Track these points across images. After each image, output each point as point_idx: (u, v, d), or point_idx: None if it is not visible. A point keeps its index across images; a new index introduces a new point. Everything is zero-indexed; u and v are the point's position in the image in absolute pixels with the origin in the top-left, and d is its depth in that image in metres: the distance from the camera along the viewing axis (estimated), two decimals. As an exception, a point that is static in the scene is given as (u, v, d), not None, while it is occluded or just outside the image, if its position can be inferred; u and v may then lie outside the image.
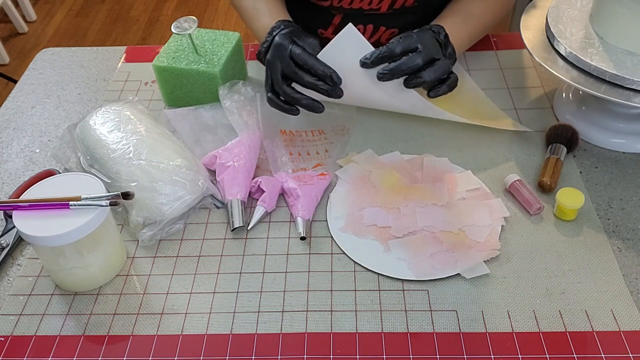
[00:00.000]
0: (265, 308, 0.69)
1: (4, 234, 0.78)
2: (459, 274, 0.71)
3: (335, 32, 1.05)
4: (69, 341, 0.67)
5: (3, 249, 0.77)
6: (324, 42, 1.09)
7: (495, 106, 0.93)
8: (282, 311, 0.69)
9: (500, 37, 1.08)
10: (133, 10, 3.11)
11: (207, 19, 2.99)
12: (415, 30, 0.81)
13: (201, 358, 0.65)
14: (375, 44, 1.05)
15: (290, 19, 0.90)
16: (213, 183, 0.83)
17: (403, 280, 0.71)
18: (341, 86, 0.79)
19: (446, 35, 0.84)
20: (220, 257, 0.75)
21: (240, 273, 0.73)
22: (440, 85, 0.81)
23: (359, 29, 1.03)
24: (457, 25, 0.89)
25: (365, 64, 0.77)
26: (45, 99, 1.03)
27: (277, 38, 0.82)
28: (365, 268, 0.73)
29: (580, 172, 0.83)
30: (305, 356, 0.65)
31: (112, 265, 0.73)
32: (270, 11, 0.91)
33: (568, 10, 0.89)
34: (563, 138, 0.84)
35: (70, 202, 0.67)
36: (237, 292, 0.71)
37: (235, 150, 0.84)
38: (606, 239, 0.74)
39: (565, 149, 0.83)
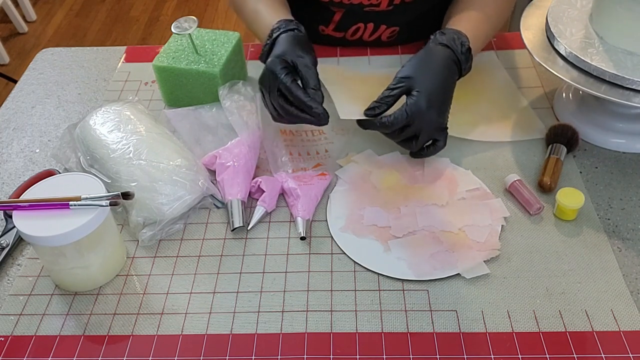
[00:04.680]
0: (265, 308, 0.69)
1: (4, 234, 0.78)
2: (459, 274, 0.71)
3: (336, 29, 1.05)
4: (69, 341, 0.67)
5: (3, 249, 0.77)
6: (325, 40, 1.10)
7: (520, 94, 0.96)
8: (282, 311, 0.69)
9: (500, 37, 1.08)
10: (133, 10, 3.11)
11: (207, 19, 2.99)
12: (431, 64, 0.80)
13: (201, 358, 0.65)
14: (376, 42, 1.06)
15: (291, 17, 0.90)
16: (213, 183, 0.82)
17: (403, 280, 0.71)
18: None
19: (468, 49, 0.83)
20: (220, 257, 0.75)
21: (240, 273, 0.73)
22: (426, 149, 0.83)
23: (359, 27, 1.03)
24: (477, 30, 0.88)
25: (362, 124, 0.82)
26: (45, 99, 1.03)
27: (268, 62, 0.81)
28: (365, 268, 0.73)
29: (580, 172, 0.83)
30: (305, 356, 0.65)
31: (112, 265, 0.73)
32: (269, 12, 0.91)
33: (568, 10, 0.89)
34: (563, 138, 0.84)
35: (70, 202, 0.67)
36: (237, 292, 0.71)
37: (235, 150, 0.84)
38: (606, 239, 0.74)
39: (565, 149, 0.83)
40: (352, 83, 0.94)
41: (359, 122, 0.82)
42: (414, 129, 0.78)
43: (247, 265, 0.74)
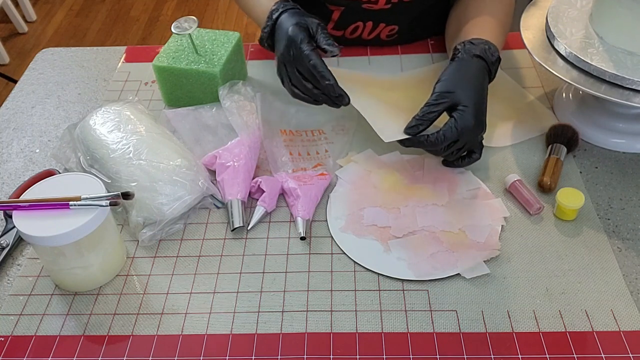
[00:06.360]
0: (265, 308, 0.69)
1: (4, 234, 0.78)
2: (459, 274, 0.71)
3: (335, 28, 1.05)
4: (69, 341, 0.67)
5: (3, 249, 0.77)
6: None
7: (522, 89, 0.96)
8: (282, 311, 0.69)
9: (500, 37, 1.08)
10: (133, 10, 3.11)
11: (207, 19, 2.99)
12: (466, 73, 0.79)
13: (201, 358, 0.65)
14: (376, 40, 1.06)
15: None
16: (213, 183, 0.82)
17: (403, 280, 0.71)
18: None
19: (498, 59, 0.83)
20: (220, 257, 0.75)
21: (240, 273, 0.73)
22: (461, 160, 0.82)
23: (357, 26, 1.03)
24: (497, 38, 0.87)
25: (404, 143, 0.79)
26: (45, 99, 1.03)
27: (290, 31, 0.80)
28: (365, 268, 0.73)
29: (580, 172, 0.83)
30: (305, 356, 0.65)
31: (112, 265, 0.73)
32: None
33: (568, 10, 0.89)
34: (563, 138, 0.84)
35: (70, 202, 0.67)
36: (237, 292, 0.71)
37: (235, 150, 0.84)
38: (606, 239, 0.74)
39: (565, 149, 0.83)
40: (361, 85, 0.93)
41: (401, 141, 0.79)
42: (461, 144, 0.78)
43: (247, 265, 0.74)
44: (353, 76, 0.94)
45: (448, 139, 0.76)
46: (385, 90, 0.92)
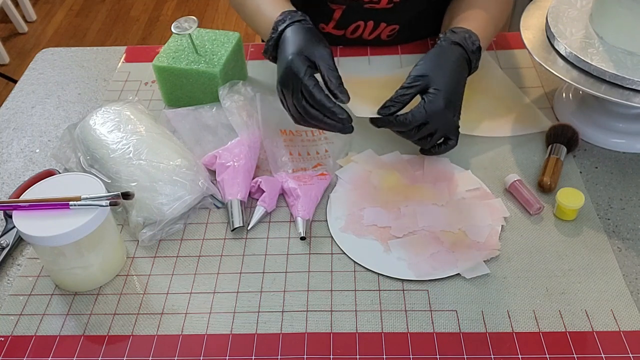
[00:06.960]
0: (265, 308, 0.69)
1: (4, 234, 0.78)
2: (459, 274, 0.71)
3: (336, 27, 1.05)
4: (69, 341, 0.67)
5: (3, 249, 0.77)
6: (325, 37, 1.09)
7: (520, 91, 0.96)
8: (282, 311, 0.69)
9: (500, 37, 1.08)
10: (133, 10, 3.11)
11: (207, 19, 2.99)
12: (441, 62, 0.79)
13: (201, 358, 0.65)
14: (376, 40, 1.06)
15: (294, 8, 0.87)
16: (213, 183, 0.82)
17: (403, 280, 0.71)
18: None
19: (479, 48, 0.83)
20: (220, 257, 0.75)
21: (240, 273, 0.73)
22: (437, 147, 0.82)
23: (358, 25, 1.03)
24: (484, 30, 0.87)
25: (375, 122, 0.81)
26: (45, 99, 1.03)
27: (290, 62, 0.76)
28: (365, 268, 0.73)
29: (580, 172, 0.83)
30: (305, 356, 0.65)
31: (112, 265, 0.73)
32: (271, 3, 0.88)
33: (568, 10, 0.89)
34: (563, 138, 0.84)
35: (70, 202, 0.67)
36: (237, 292, 0.71)
37: (235, 150, 0.84)
38: (606, 239, 0.74)
39: (565, 149, 0.83)
40: (357, 87, 0.94)
41: (373, 120, 0.81)
42: (431, 128, 0.78)
43: (247, 265, 0.74)
44: (348, 78, 0.95)
45: (417, 119, 0.76)
46: (375, 87, 0.92)
